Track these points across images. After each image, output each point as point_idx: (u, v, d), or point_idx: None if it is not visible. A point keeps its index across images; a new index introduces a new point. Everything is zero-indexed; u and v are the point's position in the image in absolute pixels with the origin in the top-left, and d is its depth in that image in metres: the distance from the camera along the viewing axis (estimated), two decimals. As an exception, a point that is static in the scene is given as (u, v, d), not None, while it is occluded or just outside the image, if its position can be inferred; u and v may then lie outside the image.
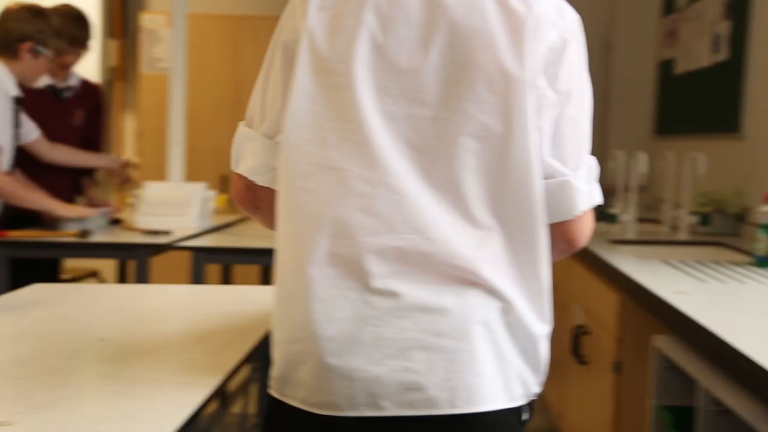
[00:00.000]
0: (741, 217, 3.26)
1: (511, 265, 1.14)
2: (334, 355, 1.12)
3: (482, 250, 1.12)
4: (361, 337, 1.11)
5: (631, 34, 4.79)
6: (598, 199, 1.21)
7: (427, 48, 1.13)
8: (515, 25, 1.12)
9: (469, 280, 1.11)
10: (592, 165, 1.20)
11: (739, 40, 3.40)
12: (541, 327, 1.17)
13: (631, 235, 3.34)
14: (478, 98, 1.11)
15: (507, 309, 1.13)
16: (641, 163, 3.50)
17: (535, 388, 1.19)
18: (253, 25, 5.28)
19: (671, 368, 2.02)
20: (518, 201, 1.13)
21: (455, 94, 1.12)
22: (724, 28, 3.56)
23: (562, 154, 1.15)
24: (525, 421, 1.21)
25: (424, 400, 1.10)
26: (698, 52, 3.87)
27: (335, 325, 1.11)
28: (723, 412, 1.68)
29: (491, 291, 1.12)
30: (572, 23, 1.17)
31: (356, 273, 1.12)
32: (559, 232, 1.19)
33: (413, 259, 1.11)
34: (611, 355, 2.55)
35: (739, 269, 2.48)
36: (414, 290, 1.11)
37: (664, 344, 2.01)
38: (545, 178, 1.15)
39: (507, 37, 1.12)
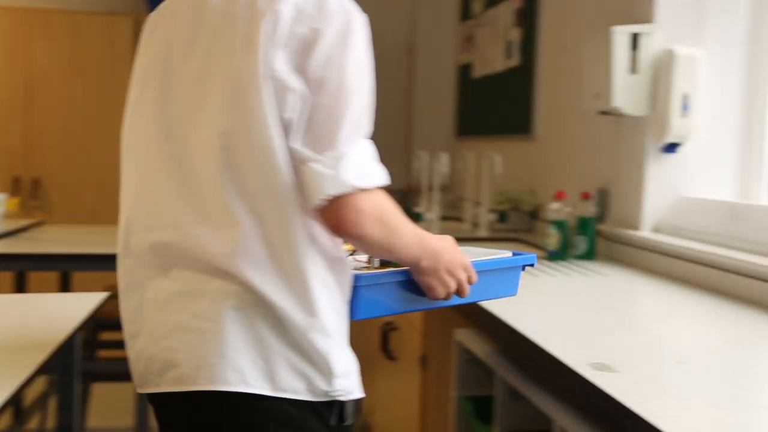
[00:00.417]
0: (534, 214, 3.46)
1: (266, 258, 1.19)
2: (130, 337, 1.30)
3: (233, 245, 1.19)
4: (146, 320, 1.27)
5: (432, 38, 4.96)
6: (352, 182, 1.16)
7: (193, 56, 1.25)
8: (254, 23, 1.18)
9: (225, 272, 1.20)
10: (347, 151, 1.17)
11: (529, 46, 3.61)
12: (305, 318, 1.20)
13: (435, 233, 3.45)
14: (221, 99, 1.20)
15: (262, 300, 1.19)
16: (443, 163, 3.63)
17: (326, 385, 1.22)
18: (46, 20, 5.00)
19: (472, 360, 2.11)
20: (267, 194, 1.19)
21: (206, 96, 1.22)
22: (515, 35, 3.77)
23: (313, 141, 1.17)
24: (330, 423, 1.24)
25: (178, 376, 1.21)
26: (493, 57, 4.07)
27: (131, 310, 1.29)
28: (519, 399, 1.77)
29: (243, 283, 1.19)
30: (332, 15, 1.19)
31: (143, 264, 1.28)
32: (322, 219, 1.20)
33: (180, 253, 1.23)
34: (417, 350, 2.62)
35: (533, 263, 2.62)
36: (186, 278, 1.23)
37: (465, 337, 2.09)
38: (301, 166, 1.18)
39: (246, 35, 1.18)
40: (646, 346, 1.59)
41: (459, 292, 1.38)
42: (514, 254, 1.58)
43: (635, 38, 2.48)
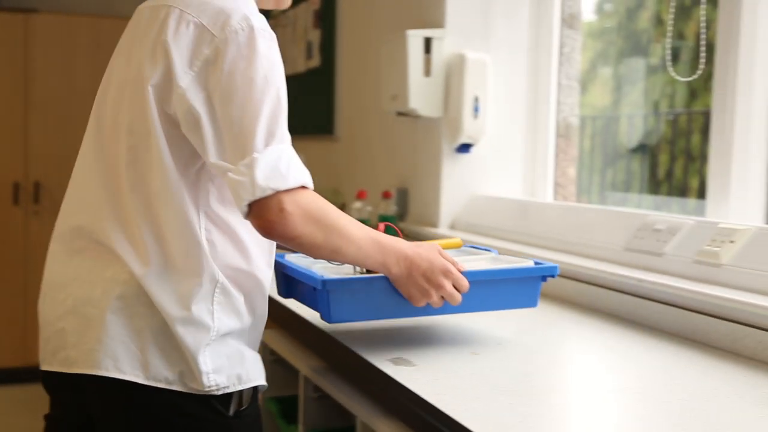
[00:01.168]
0: (338, 213, 3.50)
1: (154, 254, 1.26)
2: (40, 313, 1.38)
3: (127, 238, 1.28)
4: (47, 299, 1.35)
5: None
6: (266, 185, 1.20)
7: (121, 60, 1.37)
8: (162, 41, 1.27)
9: (119, 261, 1.28)
10: (259, 156, 1.20)
11: (328, 48, 3.65)
12: (179, 313, 1.26)
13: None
14: (130, 102, 1.30)
15: (145, 292, 1.26)
16: (246, 163, 3.59)
17: (192, 381, 1.26)
18: None
19: (277, 360, 2.11)
20: (163, 195, 1.27)
21: (122, 97, 1.33)
22: (315, 36, 3.80)
23: (228, 153, 1.23)
24: (222, 411, 1.29)
25: (66, 358, 1.30)
26: (294, 58, 4.08)
27: (43, 286, 1.37)
28: (323, 397, 1.80)
29: (131, 274, 1.26)
30: (234, 32, 1.24)
31: (59, 245, 1.36)
32: (254, 227, 1.25)
33: (89, 237, 1.31)
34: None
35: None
36: (86, 264, 1.30)
37: (270, 338, 2.09)
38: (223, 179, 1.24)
39: (153, 48, 1.28)
40: (444, 340, 1.65)
41: (447, 299, 1.40)
42: (535, 263, 1.56)
43: (428, 42, 2.57)
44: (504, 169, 2.69)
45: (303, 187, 1.25)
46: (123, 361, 1.26)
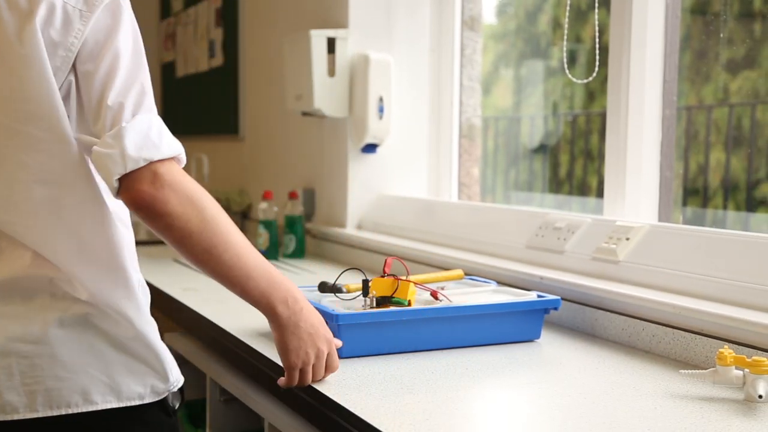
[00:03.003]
0: (245, 214, 3.48)
1: (92, 263, 1.15)
2: None
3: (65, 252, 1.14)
4: None
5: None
6: (138, 155, 1.08)
7: None
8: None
9: (51, 283, 1.14)
10: (126, 126, 1.09)
11: (231, 47, 3.62)
12: (136, 317, 1.18)
13: (143, 237, 3.35)
14: None
15: (92, 309, 1.15)
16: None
17: (164, 383, 1.22)
18: None
19: (182, 364, 2.07)
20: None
21: None
22: (217, 34, 3.75)
23: (87, 125, 1.13)
24: (171, 409, 1.25)
25: (1, 405, 1.11)
26: (197, 57, 4.03)
27: None
28: (230, 400, 1.78)
29: (71, 296, 1.14)
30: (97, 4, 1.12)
31: None
32: (124, 201, 1.12)
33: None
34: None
35: (242, 263, 2.63)
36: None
37: (175, 341, 2.06)
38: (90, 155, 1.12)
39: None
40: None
41: (313, 369, 1.26)
42: (538, 296, 1.62)
43: (332, 42, 2.57)
44: (409, 169, 2.71)
45: (176, 161, 1.14)
46: (94, 392, 1.15)
